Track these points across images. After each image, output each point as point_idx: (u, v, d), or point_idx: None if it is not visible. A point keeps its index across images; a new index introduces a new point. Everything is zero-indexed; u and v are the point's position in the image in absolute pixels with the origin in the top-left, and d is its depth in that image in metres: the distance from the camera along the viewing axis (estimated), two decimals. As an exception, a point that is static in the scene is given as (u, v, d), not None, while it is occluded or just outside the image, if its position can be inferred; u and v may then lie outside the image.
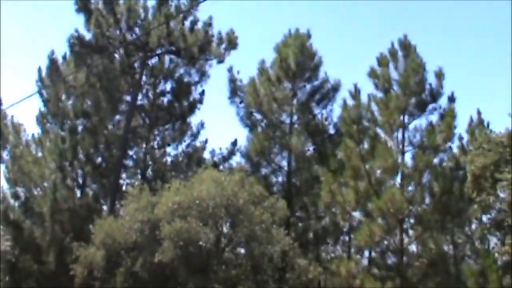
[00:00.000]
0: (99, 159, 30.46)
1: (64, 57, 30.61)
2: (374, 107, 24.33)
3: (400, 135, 24.07)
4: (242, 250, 24.12)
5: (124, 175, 31.69)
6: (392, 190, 21.93)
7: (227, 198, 22.82)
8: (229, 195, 22.86)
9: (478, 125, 31.13)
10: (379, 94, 24.73)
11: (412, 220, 23.58)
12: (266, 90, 28.23)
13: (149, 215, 23.64)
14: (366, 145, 23.90)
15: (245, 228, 22.72)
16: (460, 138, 29.14)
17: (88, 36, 29.16)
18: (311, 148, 28.75)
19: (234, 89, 29.89)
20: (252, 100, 28.43)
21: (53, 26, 50.02)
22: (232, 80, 30.07)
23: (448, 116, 22.81)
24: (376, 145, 23.53)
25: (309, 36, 29.15)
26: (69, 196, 28.53)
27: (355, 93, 23.98)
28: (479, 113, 31.41)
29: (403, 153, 23.90)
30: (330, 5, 59.80)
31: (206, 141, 32.39)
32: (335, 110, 29.44)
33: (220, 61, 30.87)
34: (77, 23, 29.82)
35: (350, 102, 23.91)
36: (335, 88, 29.27)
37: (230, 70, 30.32)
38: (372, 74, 24.73)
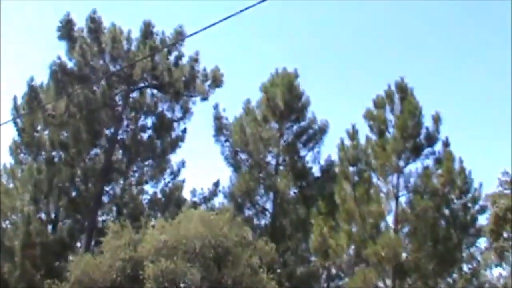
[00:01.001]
0: (74, 193, 29.02)
1: (42, 85, 29.34)
2: (369, 149, 23.54)
3: (395, 178, 23.30)
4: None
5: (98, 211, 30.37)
6: (389, 235, 21.09)
7: (215, 239, 21.73)
8: (217, 235, 21.77)
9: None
10: (373, 136, 24.06)
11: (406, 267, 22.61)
12: (253, 130, 27.36)
13: (131, 253, 22.39)
14: (360, 188, 23.02)
15: (233, 271, 21.62)
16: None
17: (70, 64, 28.05)
18: (295, 191, 27.74)
19: (220, 127, 29.00)
20: (238, 139, 27.57)
21: (31, 52, 48.29)
22: (218, 118, 29.19)
23: (447, 160, 22.18)
24: (371, 188, 22.72)
25: (296, 75, 28.49)
26: (42, 230, 26.98)
27: (353, 134, 23.26)
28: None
29: (397, 197, 23.14)
30: (319, 46, 59.04)
31: (183, 181, 31.37)
32: (322, 152, 28.72)
33: (204, 98, 30.00)
34: (59, 50, 28.74)
35: (348, 142, 23.10)
36: (323, 130, 28.60)
37: (215, 107, 29.54)
38: (368, 115, 24.06)
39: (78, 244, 28.87)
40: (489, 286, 30.38)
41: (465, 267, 27.87)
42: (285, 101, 27.38)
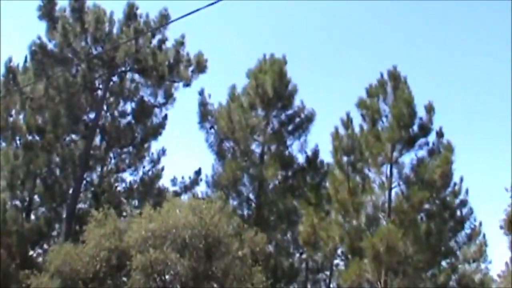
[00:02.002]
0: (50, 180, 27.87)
1: (19, 67, 28.12)
2: (362, 139, 22.91)
3: (388, 169, 22.75)
4: (215, 285, 22.17)
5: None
6: (387, 227, 20.48)
7: (206, 229, 20.93)
8: (208, 225, 20.98)
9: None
10: (365, 126, 23.46)
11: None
12: (240, 117, 26.46)
13: (116, 243, 21.48)
14: (354, 178, 22.42)
15: (222, 262, 20.86)
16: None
17: (49, 45, 26.85)
18: (281, 180, 26.97)
19: (204, 113, 28.05)
20: (224, 126, 26.64)
21: (9, 33, 46.50)
22: (203, 104, 28.24)
23: (446, 151, 21.64)
24: (365, 179, 22.14)
25: (285, 62, 27.71)
26: (17, 218, 25.83)
27: (347, 122, 22.61)
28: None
29: (390, 188, 22.58)
30: (307, 32, 58.10)
31: (162, 169, 30.47)
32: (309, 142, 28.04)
33: (187, 84, 29.03)
34: (38, 31, 27.56)
35: (342, 131, 22.45)
36: (310, 118, 27.86)
37: (201, 93, 28.57)
38: (361, 104, 23.45)
39: (54, 233, 27.80)
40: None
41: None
42: (274, 88, 26.56)
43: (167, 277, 20.75)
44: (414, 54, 54.59)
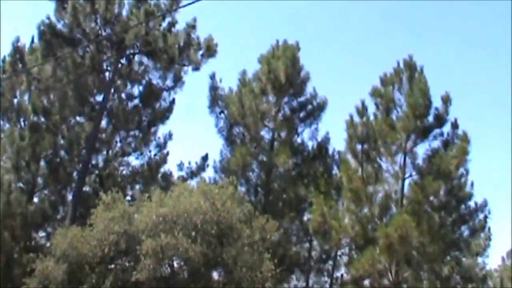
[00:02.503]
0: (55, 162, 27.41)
1: (26, 46, 27.63)
2: (376, 127, 22.62)
3: (402, 159, 22.48)
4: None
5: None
6: (402, 217, 20.18)
7: (218, 214, 20.59)
8: (220, 211, 20.63)
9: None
10: (379, 115, 23.19)
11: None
12: (251, 102, 26.06)
13: (125, 227, 21.10)
14: (368, 168, 22.14)
15: (233, 249, 20.49)
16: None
17: (58, 25, 26.35)
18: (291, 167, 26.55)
19: (215, 98, 27.64)
20: (235, 111, 26.23)
21: (16, 13, 45.69)
22: (214, 88, 27.84)
23: (462, 141, 21.35)
24: (379, 168, 21.88)
25: (298, 48, 27.29)
26: (21, 200, 25.36)
27: (363, 111, 22.30)
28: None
29: (403, 178, 22.31)
30: (320, 20, 57.14)
31: (168, 154, 30.04)
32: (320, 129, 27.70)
33: (196, 68, 28.56)
34: (47, 10, 27.03)
35: (356, 119, 22.15)
36: (321, 106, 27.50)
37: (212, 77, 28.17)
38: (375, 93, 23.16)
39: (58, 216, 27.36)
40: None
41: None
42: (287, 74, 26.16)
43: (177, 262, 20.39)
44: (429, 44, 53.93)
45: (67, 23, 25.86)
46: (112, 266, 21.81)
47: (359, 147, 22.14)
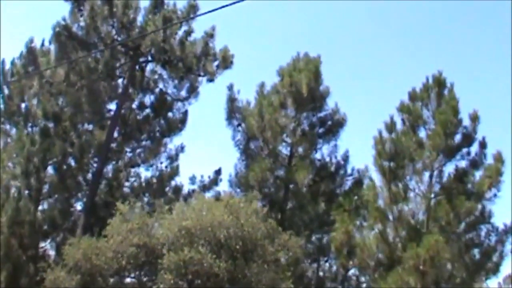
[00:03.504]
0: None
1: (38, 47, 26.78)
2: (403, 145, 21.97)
3: (429, 177, 21.84)
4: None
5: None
6: (434, 237, 19.46)
7: (243, 229, 19.76)
8: (246, 226, 19.81)
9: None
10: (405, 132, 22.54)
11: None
12: (270, 116, 25.29)
13: (144, 239, 20.22)
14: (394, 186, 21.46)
15: (256, 267, 19.64)
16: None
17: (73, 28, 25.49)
18: (310, 184, 25.78)
19: (232, 109, 26.86)
20: (254, 124, 25.44)
21: (30, 14, 44.31)
22: (231, 100, 27.05)
23: (497, 161, 20.74)
24: (407, 186, 21.24)
25: (320, 62, 26.58)
26: (30, 208, 24.36)
27: (391, 126, 21.64)
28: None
29: (430, 198, 21.64)
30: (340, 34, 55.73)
31: (178, 166, 29.18)
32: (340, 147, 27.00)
33: (210, 79, 27.76)
34: (61, 12, 26.07)
35: (385, 135, 21.48)
36: (340, 123, 26.80)
37: (230, 88, 27.35)
38: (403, 109, 22.55)
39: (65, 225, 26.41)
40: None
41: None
42: (309, 87, 25.44)
43: (198, 278, 19.48)
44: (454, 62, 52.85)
45: (84, 26, 25.01)
46: (129, 279, 20.98)
47: (385, 164, 21.41)
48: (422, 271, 19.78)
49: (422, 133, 22.47)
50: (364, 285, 23.27)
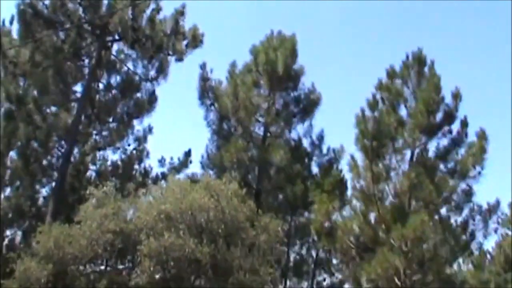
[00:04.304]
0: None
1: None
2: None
3: (411, 157, 21.41)
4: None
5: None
6: (420, 217, 19.02)
7: (224, 212, 19.04)
8: (227, 208, 19.10)
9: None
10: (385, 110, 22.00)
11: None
12: (245, 95, 24.53)
13: (121, 225, 19.35)
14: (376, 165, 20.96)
15: (239, 251, 18.95)
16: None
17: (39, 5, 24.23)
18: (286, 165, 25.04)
19: (204, 89, 25.99)
20: (229, 104, 24.65)
21: None
22: (204, 79, 26.17)
23: (481, 139, 20.32)
24: (390, 165, 20.77)
25: (296, 40, 25.79)
26: (-6, 195, 23.29)
27: (374, 105, 21.07)
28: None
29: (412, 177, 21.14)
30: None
31: (145, 150, 28.23)
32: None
33: (179, 59, 26.82)
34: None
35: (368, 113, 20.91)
36: (315, 102, 26.14)
37: (203, 67, 26.45)
38: (382, 87, 22.00)
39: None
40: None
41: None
42: (286, 66, 24.73)
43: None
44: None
45: (49, 4, 23.82)
46: (105, 268, 20.10)
47: (367, 143, 20.82)
48: (407, 251, 19.39)
49: (403, 112, 21.97)
50: (342, 267, 22.60)
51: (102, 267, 20.18)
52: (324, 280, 29.30)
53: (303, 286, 28.62)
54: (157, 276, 18.35)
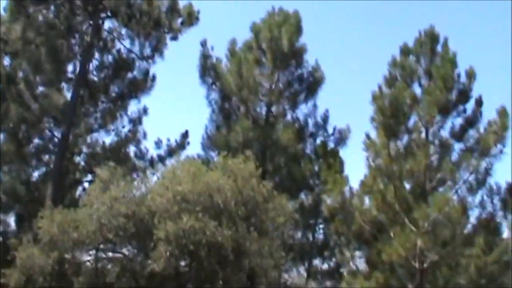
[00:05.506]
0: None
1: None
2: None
3: (426, 135, 20.80)
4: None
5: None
6: (446, 196, 18.42)
7: (243, 193, 18.13)
8: (246, 189, 18.20)
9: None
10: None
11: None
12: (249, 73, 23.61)
13: (133, 207, 18.27)
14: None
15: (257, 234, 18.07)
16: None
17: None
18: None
19: (205, 67, 24.96)
20: (232, 82, 23.67)
21: None
22: (205, 56, 25.12)
23: (502, 116, 19.75)
24: (411, 143, 20.14)
25: (300, 16, 24.84)
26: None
27: (391, 81, 20.40)
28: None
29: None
30: None
31: (135, 132, 27.10)
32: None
33: (174, 37, 25.81)
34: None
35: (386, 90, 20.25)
36: (319, 82, 25.33)
37: (203, 44, 25.39)
38: (395, 64, 21.34)
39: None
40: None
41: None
42: (291, 43, 23.84)
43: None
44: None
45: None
46: (116, 254, 19.02)
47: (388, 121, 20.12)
48: (431, 232, 18.78)
49: (417, 90, 21.33)
50: (356, 252, 21.90)
51: (112, 254, 19.10)
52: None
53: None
54: (176, 263, 17.35)
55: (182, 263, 17.90)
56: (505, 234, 20.60)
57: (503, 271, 20.25)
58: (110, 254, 19.32)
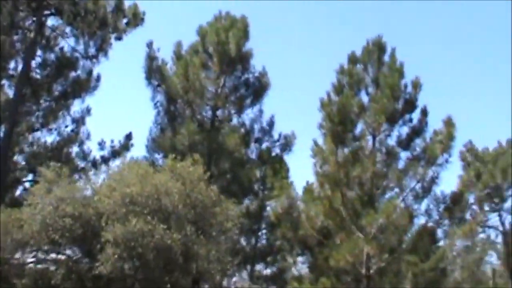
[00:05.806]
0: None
1: None
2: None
3: (373, 143, 21.08)
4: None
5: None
6: (393, 203, 18.70)
7: (191, 196, 17.98)
8: (195, 193, 18.06)
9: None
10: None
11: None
12: (196, 76, 23.45)
13: (80, 209, 17.87)
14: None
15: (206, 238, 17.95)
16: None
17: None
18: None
19: (151, 69, 24.66)
20: (178, 84, 23.44)
21: None
22: (151, 58, 24.80)
23: (448, 126, 20.17)
24: (358, 150, 20.35)
25: (247, 21, 24.80)
26: None
27: (339, 88, 20.60)
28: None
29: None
30: None
31: (78, 132, 26.61)
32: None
33: (118, 37, 25.50)
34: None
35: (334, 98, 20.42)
36: (265, 87, 25.33)
37: (149, 45, 25.07)
38: (342, 72, 21.56)
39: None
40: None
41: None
42: (238, 48, 23.77)
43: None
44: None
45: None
46: (61, 256, 18.54)
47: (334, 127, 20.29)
48: (379, 238, 19.03)
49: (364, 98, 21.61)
50: (299, 258, 21.98)
51: (57, 255, 18.62)
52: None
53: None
54: (124, 265, 17.02)
55: (129, 266, 17.50)
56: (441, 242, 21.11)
57: (440, 279, 20.71)
58: (55, 255, 18.83)
